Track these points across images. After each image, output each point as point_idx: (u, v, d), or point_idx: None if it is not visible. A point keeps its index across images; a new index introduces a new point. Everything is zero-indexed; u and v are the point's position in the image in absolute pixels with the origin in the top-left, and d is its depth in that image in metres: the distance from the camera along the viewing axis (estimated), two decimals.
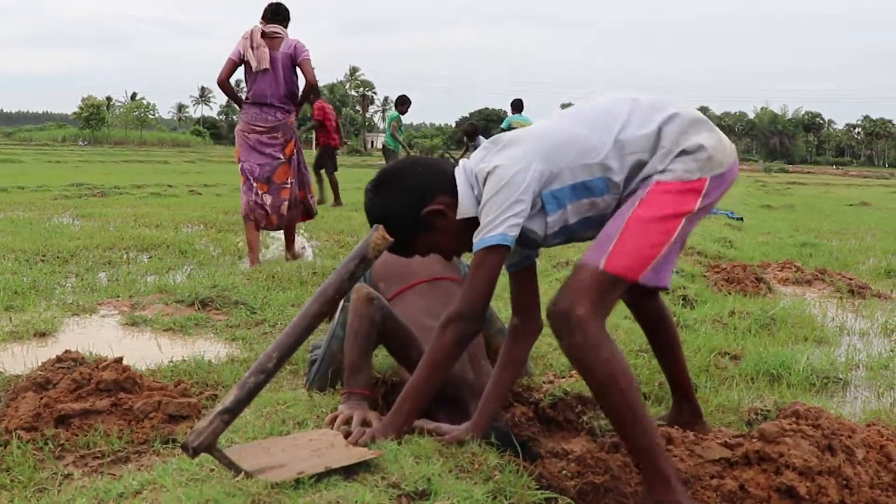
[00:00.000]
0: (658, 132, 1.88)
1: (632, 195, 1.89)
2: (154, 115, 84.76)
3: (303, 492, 1.57)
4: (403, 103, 11.80)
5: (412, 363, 2.23)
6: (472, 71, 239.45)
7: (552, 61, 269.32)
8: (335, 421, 2.08)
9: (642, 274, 1.81)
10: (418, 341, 2.30)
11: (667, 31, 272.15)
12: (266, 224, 5.60)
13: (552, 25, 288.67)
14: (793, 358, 3.19)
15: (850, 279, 5.40)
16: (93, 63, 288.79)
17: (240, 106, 5.69)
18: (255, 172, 5.52)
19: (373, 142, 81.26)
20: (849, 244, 8.22)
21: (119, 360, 2.54)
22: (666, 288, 1.93)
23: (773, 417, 2.41)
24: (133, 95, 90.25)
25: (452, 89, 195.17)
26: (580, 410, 2.50)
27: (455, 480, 1.71)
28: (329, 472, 1.64)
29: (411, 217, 1.95)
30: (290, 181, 5.60)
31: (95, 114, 65.60)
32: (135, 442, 2.22)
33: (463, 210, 1.94)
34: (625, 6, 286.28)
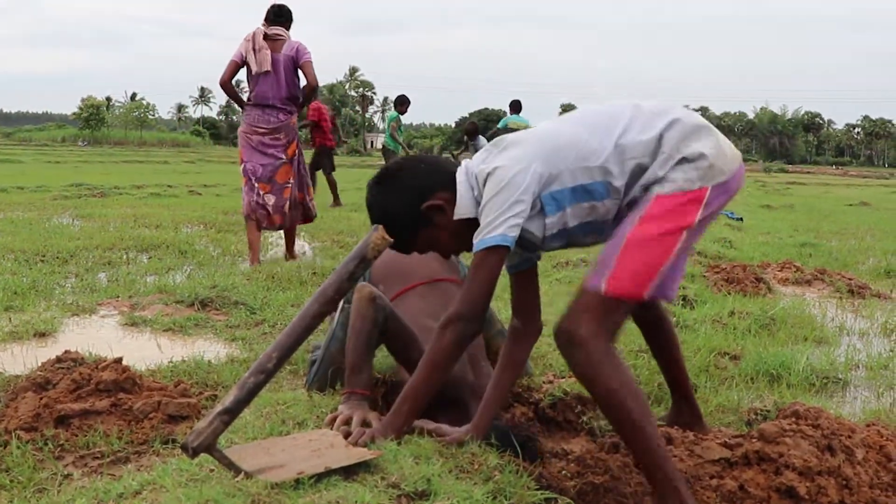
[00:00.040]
0: (659, 138, 1.87)
1: (632, 204, 1.88)
2: (154, 116, 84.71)
3: (302, 492, 1.57)
4: (403, 103, 11.80)
5: (413, 364, 2.22)
6: (472, 71, 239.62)
7: (553, 62, 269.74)
8: (335, 421, 2.08)
9: (646, 291, 1.81)
10: (420, 342, 2.30)
11: (668, 32, 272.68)
12: (268, 224, 5.61)
13: (553, 27, 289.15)
14: (792, 358, 3.19)
15: (850, 279, 5.40)
16: (93, 63, 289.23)
17: (242, 107, 5.70)
18: (257, 172, 5.54)
19: (372, 142, 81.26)
20: (848, 244, 8.22)
21: (119, 360, 2.54)
22: (670, 300, 1.93)
23: (773, 417, 2.41)
24: (133, 96, 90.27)
25: (452, 90, 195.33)
26: (580, 411, 2.50)
27: (455, 481, 1.71)
28: (329, 473, 1.64)
29: (411, 212, 1.96)
30: (291, 181, 5.62)
31: (95, 114, 65.55)
32: (134, 442, 2.22)
33: (461, 210, 1.95)
34: (626, 7, 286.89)
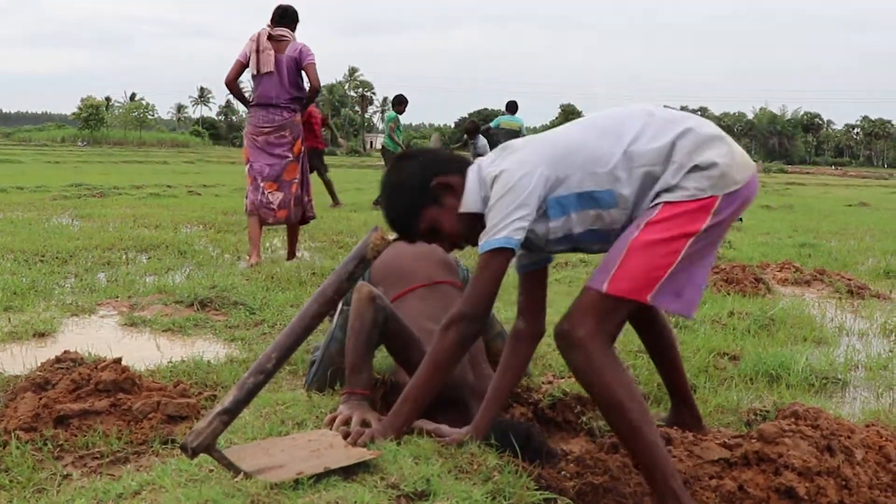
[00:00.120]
0: (671, 145, 1.86)
1: (643, 212, 1.87)
2: (153, 116, 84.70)
3: (302, 492, 1.57)
4: (400, 103, 11.82)
5: (412, 365, 2.23)
6: (472, 71, 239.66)
7: (553, 62, 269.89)
8: (334, 421, 2.08)
9: (649, 294, 1.80)
10: (420, 343, 2.30)
11: (667, 32, 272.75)
12: (273, 220, 5.64)
13: (553, 27, 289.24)
14: (792, 358, 3.19)
15: (849, 280, 5.40)
16: (92, 63, 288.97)
17: (247, 106, 5.73)
18: (263, 172, 5.58)
19: (372, 142, 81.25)
20: (848, 245, 8.22)
21: (118, 360, 2.54)
22: (690, 317, 1.91)
23: (772, 418, 2.41)
24: (132, 96, 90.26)
25: (452, 90, 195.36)
26: (579, 411, 2.51)
27: (454, 481, 1.71)
28: (328, 473, 1.64)
29: (421, 185, 1.98)
30: (297, 178, 5.67)
31: (94, 114, 65.48)
32: (134, 442, 2.22)
33: (468, 203, 1.96)
34: (626, 7, 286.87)
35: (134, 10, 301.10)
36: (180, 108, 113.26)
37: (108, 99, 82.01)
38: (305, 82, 5.63)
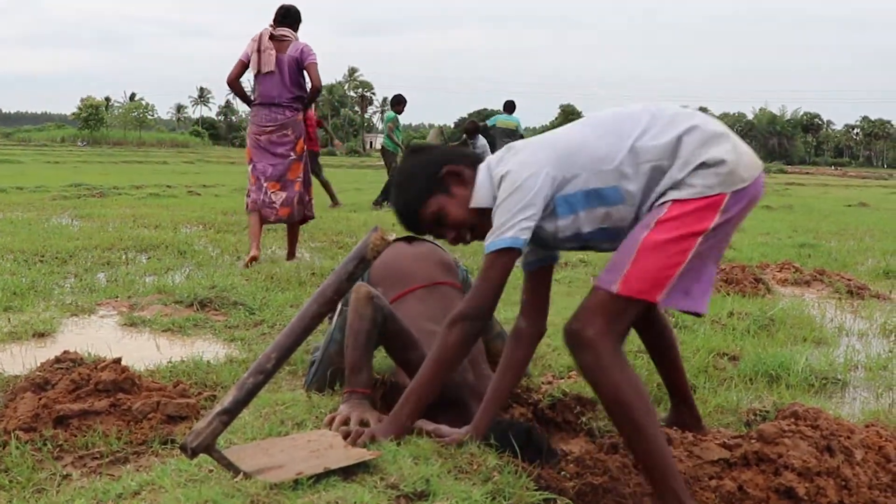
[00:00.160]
0: (678, 141, 1.85)
1: (650, 209, 1.87)
2: (153, 116, 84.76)
3: (301, 492, 1.57)
4: (399, 102, 11.82)
5: (411, 366, 2.23)
6: (472, 71, 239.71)
7: (553, 62, 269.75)
8: (334, 421, 2.08)
9: (659, 294, 1.80)
10: (419, 343, 2.30)
11: (667, 32, 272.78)
12: (276, 218, 5.66)
13: (553, 27, 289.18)
14: (791, 359, 3.19)
15: (849, 280, 5.40)
16: (92, 63, 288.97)
17: (249, 105, 5.75)
18: (267, 172, 5.60)
19: (371, 143, 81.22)
20: (847, 245, 8.22)
21: (118, 360, 2.54)
22: (701, 314, 1.91)
23: (772, 418, 2.41)
24: (132, 96, 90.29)
25: (452, 90, 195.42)
26: (579, 411, 2.50)
27: (454, 481, 1.71)
28: (328, 473, 1.64)
29: (432, 171, 2.02)
30: (300, 176, 5.69)
31: (94, 114, 65.46)
32: (133, 442, 2.22)
33: (478, 198, 1.98)
34: (626, 7, 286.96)
35: (134, 10, 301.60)
36: (180, 108, 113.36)
37: (107, 99, 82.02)
38: (307, 82, 5.65)
